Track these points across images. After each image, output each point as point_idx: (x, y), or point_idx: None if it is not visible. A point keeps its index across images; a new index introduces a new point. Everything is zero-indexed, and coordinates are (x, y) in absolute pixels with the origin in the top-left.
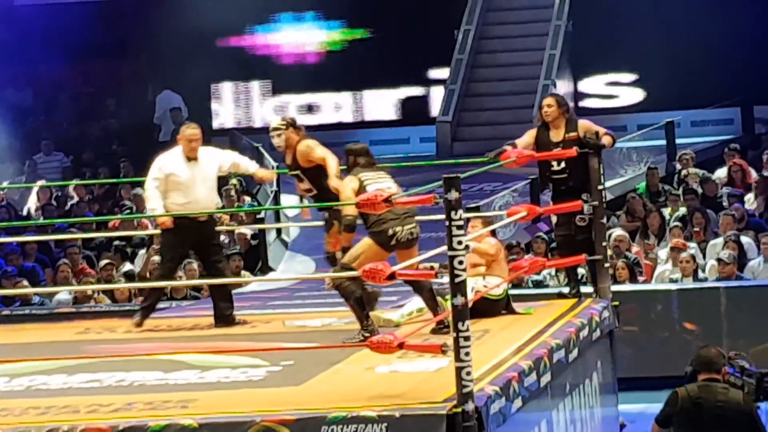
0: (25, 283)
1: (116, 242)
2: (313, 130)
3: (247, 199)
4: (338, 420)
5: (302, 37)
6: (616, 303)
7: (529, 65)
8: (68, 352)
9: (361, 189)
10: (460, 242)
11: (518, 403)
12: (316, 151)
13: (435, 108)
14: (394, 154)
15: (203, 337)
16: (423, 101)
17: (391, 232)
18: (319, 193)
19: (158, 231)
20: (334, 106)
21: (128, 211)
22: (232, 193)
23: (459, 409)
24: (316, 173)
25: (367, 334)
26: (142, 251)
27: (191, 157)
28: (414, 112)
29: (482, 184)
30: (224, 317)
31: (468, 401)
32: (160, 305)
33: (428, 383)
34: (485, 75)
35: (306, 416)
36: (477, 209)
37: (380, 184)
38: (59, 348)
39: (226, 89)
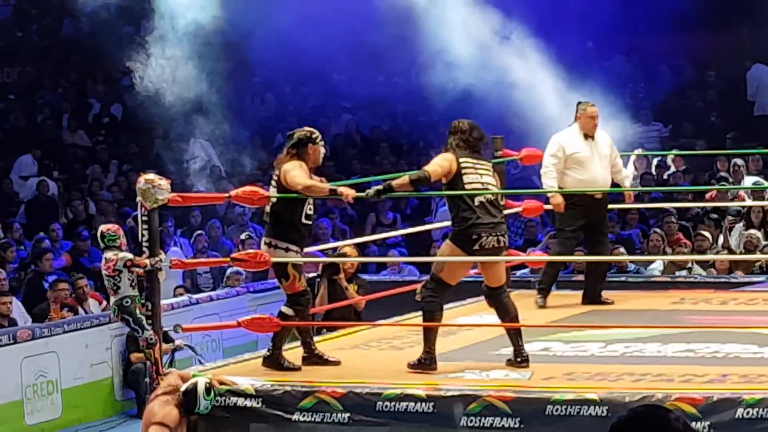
0: (622, 250)
1: (712, 214)
2: None
3: None
4: None
5: None
6: None
7: None
8: (663, 320)
9: (458, 172)
10: None
11: None
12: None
13: None
14: None
15: None
16: None
17: (475, 236)
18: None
19: (757, 203)
20: None
21: (724, 183)
22: None
23: None
24: None
25: (425, 361)
26: (739, 225)
27: (589, 135)
28: None
29: None
30: (593, 298)
31: None
32: (756, 279)
33: None
34: None
35: None
36: None
37: (479, 174)
38: (655, 316)
39: None
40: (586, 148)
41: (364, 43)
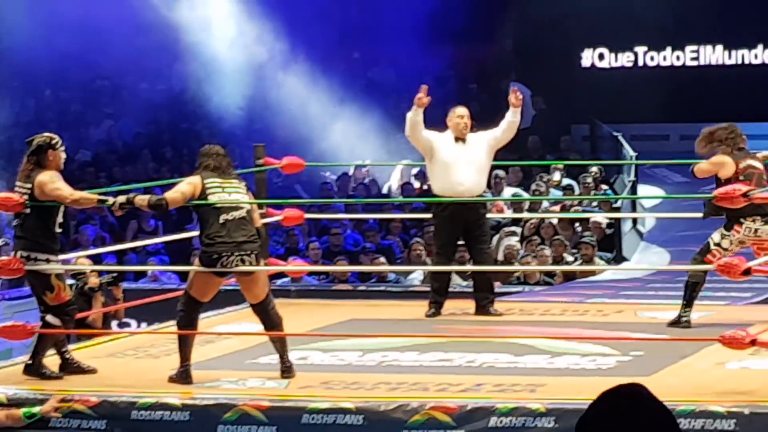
0: (382, 259)
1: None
2: None
3: (604, 187)
4: (686, 413)
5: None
6: None
7: None
8: (421, 330)
9: (203, 193)
10: None
11: None
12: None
13: None
14: None
15: (554, 322)
16: None
17: (216, 255)
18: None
19: (517, 215)
20: None
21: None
22: (589, 180)
23: None
24: None
25: (181, 375)
26: (496, 235)
27: (459, 138)
28: None
29: None
30: (480, 307)
31: None
32: (513, 289)
33: None
34: None
35: None
36: None
37: (227, 193)
38: (413, 326)
39: None
40: (454, 151)
41: (127, 49)
